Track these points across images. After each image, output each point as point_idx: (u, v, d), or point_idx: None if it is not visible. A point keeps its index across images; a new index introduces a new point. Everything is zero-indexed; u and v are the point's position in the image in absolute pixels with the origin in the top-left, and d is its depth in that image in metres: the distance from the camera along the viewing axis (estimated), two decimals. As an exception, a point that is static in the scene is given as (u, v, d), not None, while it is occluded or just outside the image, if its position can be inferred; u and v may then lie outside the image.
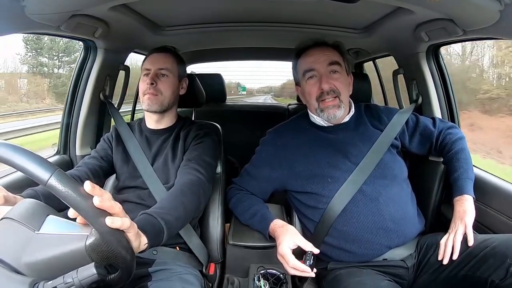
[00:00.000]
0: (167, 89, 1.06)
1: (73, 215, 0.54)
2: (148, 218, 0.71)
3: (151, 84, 1.04)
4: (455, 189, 1.00)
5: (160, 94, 1.05)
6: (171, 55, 1.11)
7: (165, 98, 1.06)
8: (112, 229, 0.51)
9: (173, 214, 0.77)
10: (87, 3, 0.91)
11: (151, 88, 1.04)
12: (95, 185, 0.51)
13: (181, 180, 0.93)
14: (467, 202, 0.96)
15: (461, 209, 0.95)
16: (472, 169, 1.04)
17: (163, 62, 1.08)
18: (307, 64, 1.06)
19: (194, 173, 0.94)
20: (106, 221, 0.50)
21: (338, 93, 1.04)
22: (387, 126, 1.09)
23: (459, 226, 0.92)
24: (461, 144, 1.08)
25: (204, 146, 1.04)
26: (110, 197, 0.54)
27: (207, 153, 1.02)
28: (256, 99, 14.99)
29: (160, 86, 1.05)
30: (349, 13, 1.16)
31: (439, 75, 1.30)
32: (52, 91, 11.02)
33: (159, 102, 1.05)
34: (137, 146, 1.08)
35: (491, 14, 0.80)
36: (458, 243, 0.90)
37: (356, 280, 0.89)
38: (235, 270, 1.03)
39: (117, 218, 0.52)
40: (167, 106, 1.08)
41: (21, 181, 1.02)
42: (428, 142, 1.12)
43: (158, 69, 1.06)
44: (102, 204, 0.51)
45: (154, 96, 1.05)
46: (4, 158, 0.49)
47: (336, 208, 0.98)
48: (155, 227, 0.70)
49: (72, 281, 0.50)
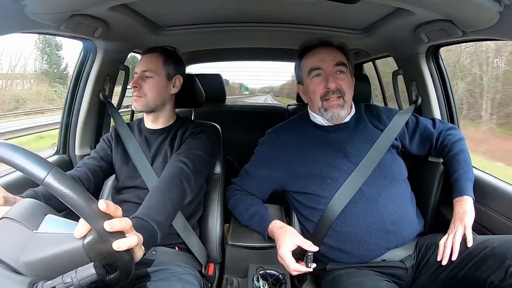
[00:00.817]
0: (151, 90, 1.06)
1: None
2: (140, 223, 0.71)
3: (134, 87, 1.05)
4: (455, 190, 1.00)
5: (145, 96, 1.05)
6: (157, 54, 1.09)
7: (150, 100, 1.06)
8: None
9: (163, 213, 0.77)
10: (87, 3, 0.91)
11: (135, 91, 1.05)
12: (109, 203, 0.52)
13: (164, 173, 0.93)
14: (466, 203, 0.96)
15: (461, 210, 0.95)
16: (472, 170, 1.04)
17: (146, 63, 1.07)
18: (313, 62, 1.06)
19: (177, 164, 0.94)
20: (105, 226, 0.50)
21: (343, 93, 1.04)
22: (387, 126, 1.10)
23: (458, 227, 0.92)
24: (461, 145, 1.08)
25: (198, 141, 1.04)
26: (121, 210, 0.54)
27: (198, 148, 1.01)
28: (257, 98, 15.20)
29: (144, 88, 1.05)
30: (349, 13, 1.16)
31: (439, 76, 1.30)
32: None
33: (143, 103, 1.06)
34: (137, 146, 1.08)
35: (491, 15, 0.80)
36: (457, 244, 0.90)
37: (355, 281, 0.89)
38: (234, 270, 1.03)
39: (116, 220, 0.52)
40: (154, 106, 1.07)
41: (21, 181, 1.02)
42: (428, 143, 1.13)
43: (142, 71, 1.06)
44: (108, 208, 0.51)
45: (139, 98, 1.06)
46: (1, 156, 0.49)
47: (336, 209, 0.98)
48: (148, 230, 0.71)
49: (71, 281, 0.50)
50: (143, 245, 0.63)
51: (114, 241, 0.51)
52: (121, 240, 0.52)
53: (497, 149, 4.23)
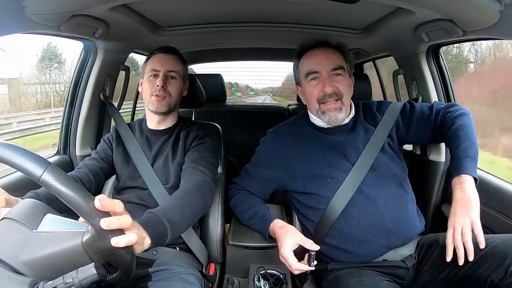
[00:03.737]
0: (175, 91, 1.08)
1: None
2: (152, 218, 0.71)
3: (161, 87, 1.04)
4: (452, 169, 0.89)
5: (169, 96, 1.06)
6: (178, 57, 1.11)
7: (173, 100, 1.07)
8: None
9: (179, 214, 0.77)
10: (87, 3, 0.91)
11: (161, 90, 1.04)
12: (104, 199, 0.51)
13: (187, 181, 0.93)
14: (466, 184, 0.84)
15: (462, 195, 0.83)
16: (475, 147, 0.91)
17: (173, 64, 1.08)
18: (310, 65, 1.05)
19: (199, 174, 0.95)
20: (101, 224, 0.50)
21: (341, 96, 1.03)
22: (380, 120, 1.07)
23: (464, 222, 0.81)
24: (462, 120, 0.97)
25: (205, 147, 1.04)
26: (122, 205, 0.54)
27: (208, 154, 1.03)
28: (256, 98, 15.86)
29: (169, 88, 1.06)
30: (349, 13, 1.16)
31: (439, 75, 1.30)
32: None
33: (167, 104, 1.06)
34: (138, 147, 1.08)
35: (491, 14, 0.80)
36: (470, 244, 0.80)
37: (356, 281, 0.89)
38: (235, 270, 1.03)
39: (113, 218, 0.51)
40: (173, 107, 1.09)
41: (21, 182, 1.02)
42: (427, 129, 1.06)
43: (168, 71, 1.06)
44: (103, 206, 0.50)
45: (163, 98, 1.05)
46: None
47: (336, 208, 0.98)
48: (159, 227, 0.70)
49: (72, 281, 0.50)
50: (150, 240, 0.63)
51: (112, 238, 0.51)
52: (119, 237, 0.51)
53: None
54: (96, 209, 0.50)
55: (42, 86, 11.92)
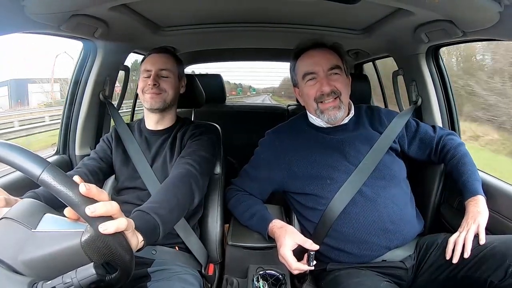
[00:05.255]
0: (169, 88, 1.08)
1: (69, 214, 0.54)
2: (141, 215, 0.70)
3: (153, 85, 1.05)
4: (466, 191, 0.98)
5: (164, 92, 1.07)
6: (171, 55, 1.12)
7: (168, 96, 1.08)
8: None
9: (166, 207, 0.75)
10: (87, 3, 0.91)
11: (153, 88, 1.05)
12: (90, 186, 0.50)
13: (172, 174, 0.93)
14: (480, 202, 0.94)
15: (475, 209, 0.93)
16: (477, 172, 1.03)
17: (164, 62, 1.09)
18: (306, 66, 1.06)
19: (184, 166, 0.94)
20: (100, 228, 0.49)
21: (339, 93, 1.03)
22: (386, 128, 1.09)
23: (471, 225, 0.89)
24: (464, 149, 1.08)
25: (200, 143, 1.04)
26: (107, 196, 0.53)
27: (202, 149, 1.02)
28: (256, 98, 16.19)
29: (163, 85, 1.07)
30: (349, 14, 1.16)
31: (439, 76, 1.31)
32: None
33: (162, 100, 1.07)
34: (137, 147, 1.08)
35: (491, 15, 0.80)
36: (469, 241, 0.87)
37: (355, 281, 0.89)
38: (234, 270, 1.03)
39: (110, 222, 0.50)
40: (169, 103, 1.09)
41: (20, 181, 1.02)
42: (428, 148, 1.12)
43: (160, 70, 1.07)
44: (88, 192, 0.50)
45: (157, 95, 1.06)
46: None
47: (336, 209, 0.98)
48: (149, 223, 0.69)
49: (71, 281, 0.49)
50: (143, 237, 0.62)
51: (99, 224, 0.49)
52: (108, 223, 0.50)
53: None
54: (83, 198, 0.50)
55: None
